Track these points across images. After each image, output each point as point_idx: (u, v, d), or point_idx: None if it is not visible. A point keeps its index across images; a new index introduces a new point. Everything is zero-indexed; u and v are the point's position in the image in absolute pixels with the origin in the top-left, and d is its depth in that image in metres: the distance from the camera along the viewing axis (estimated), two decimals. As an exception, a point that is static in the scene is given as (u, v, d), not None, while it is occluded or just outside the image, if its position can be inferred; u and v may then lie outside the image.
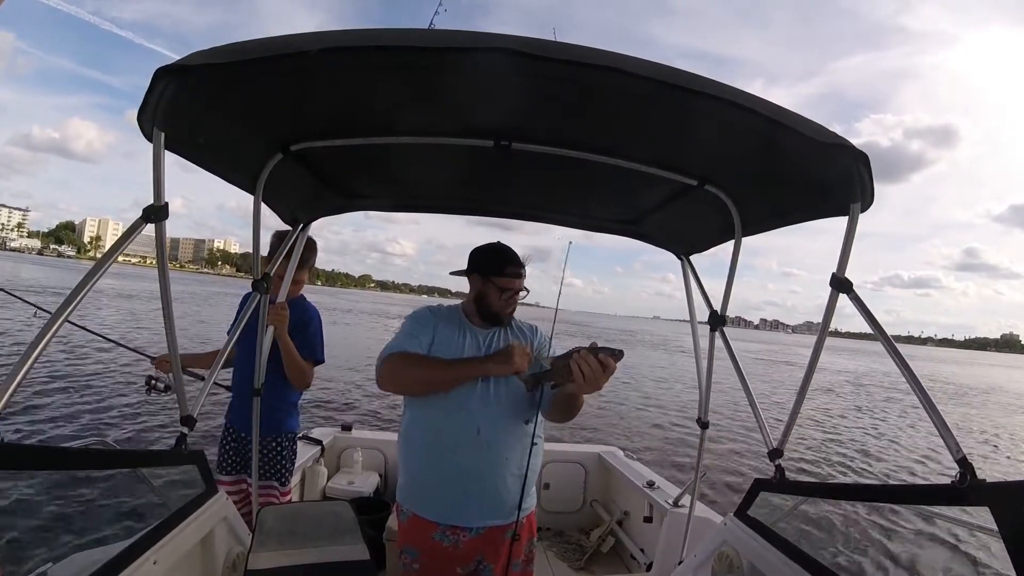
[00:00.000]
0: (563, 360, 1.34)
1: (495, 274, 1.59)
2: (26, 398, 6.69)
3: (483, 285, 1.60)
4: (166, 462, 1.50)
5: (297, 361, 2.15)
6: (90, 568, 1.12)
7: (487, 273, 1.60)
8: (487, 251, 1.65)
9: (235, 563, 1.61)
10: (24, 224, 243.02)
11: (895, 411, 14.22)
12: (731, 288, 1.98)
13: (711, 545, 1.81)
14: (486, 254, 1.64)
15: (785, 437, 1.67)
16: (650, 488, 2.88)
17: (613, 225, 2.35)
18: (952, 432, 1.16)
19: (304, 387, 2.26)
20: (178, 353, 1.48)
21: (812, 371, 1.57)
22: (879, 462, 8.61)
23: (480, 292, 1.61)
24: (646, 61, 0.99)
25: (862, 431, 11.30)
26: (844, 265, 1.42)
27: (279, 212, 2.10)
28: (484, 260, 1.63)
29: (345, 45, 0.96)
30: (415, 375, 1.50)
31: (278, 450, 2.24)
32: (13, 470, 2.32)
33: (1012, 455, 10.68)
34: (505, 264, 1.60)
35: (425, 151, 1.65)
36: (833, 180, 1.32)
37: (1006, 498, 1.01)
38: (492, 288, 1.59)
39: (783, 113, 1.10)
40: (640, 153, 1.57)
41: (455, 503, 1.49)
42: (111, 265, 1.25)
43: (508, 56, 0.95)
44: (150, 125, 1.13)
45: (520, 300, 1.64)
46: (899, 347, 1.33)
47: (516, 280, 1.60)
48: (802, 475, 6.94)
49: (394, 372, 1.49)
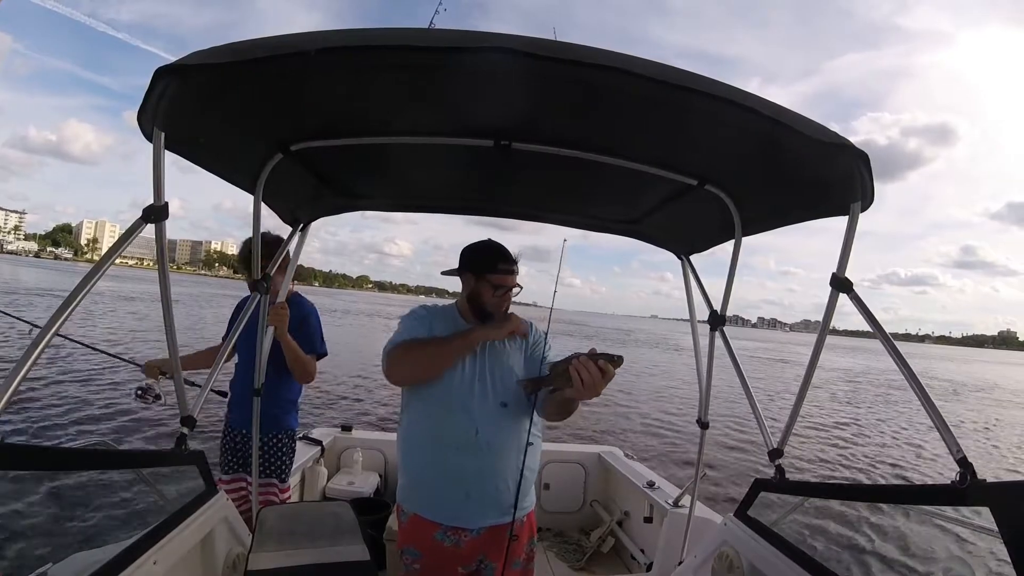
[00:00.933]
0: (562, 365, 1.35)
1: (488, 271, 1.59)
2: (26, 398, 6.69)
3: (476, 283, 1.60)
4: (166, 462, 1.50)
5: (300, 357, 2.16)
6: (90, 568, 1.12)
7: (480, 270, 1.60)
8: (479, 248, 1.64)
9: (235, 563, 1.60)
10: (21, 227, 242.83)
11: (894, 411, 14.22)
12: (731, 288, 1.98)
13: (711, 545, 1.81)
14: (478, 251, 1.64)
15: (785, 437, 1.67)
16: (650, 488, 2.88)
17: (613, 225, 2.35)
18: (952, 432, 1.16)
19: (309, 381, 2.28)
20: (178, 354, 1.48)
21: (812, 370, 1.57)
22: (880, 462, 8.61)
23: (473, 290, 1.61)
24: (647, 61, 0.99)
25: (863, 431, 11.30)
26: (844, 265, 1.42)
27: (279, 212, 2.10)
28: (476, 257, 1.63)
29: (345, 45, 0.96)
30: (417, 356, 1.50)
31: (277, 447, 2.25)
32: (13, 470, 2.32)
33: (1010, 450, 10.68)
34: (497, 260, 1.60)
35: (425, 151, 1.65)
36: (833, 179, 1.32)
37: (1006, 498, 1.01)
38: (485, 285, 1.59)
39: (783, 113, 1.10)
40: (640, 153, 1.57)
41: (456, 504, 1.49)
42: (110, 267, 1.25)
43: (509, 56, 0.95)
44: (150, 125, 1.13)
45: (513, 297, 1.64)
46: (897, 344, 1.33)
47: (509, 276, 1.60)
48: (802, 475, 6.94)
49: (399, 360, 1.50)
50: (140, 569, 1.19)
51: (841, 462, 8.33)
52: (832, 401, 15.47)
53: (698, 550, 1.92)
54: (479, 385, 1.52)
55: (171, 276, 1.35)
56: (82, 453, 1.55)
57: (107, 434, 5.98)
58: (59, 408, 6.81)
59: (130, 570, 1.16)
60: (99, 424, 6.42)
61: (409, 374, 1.55)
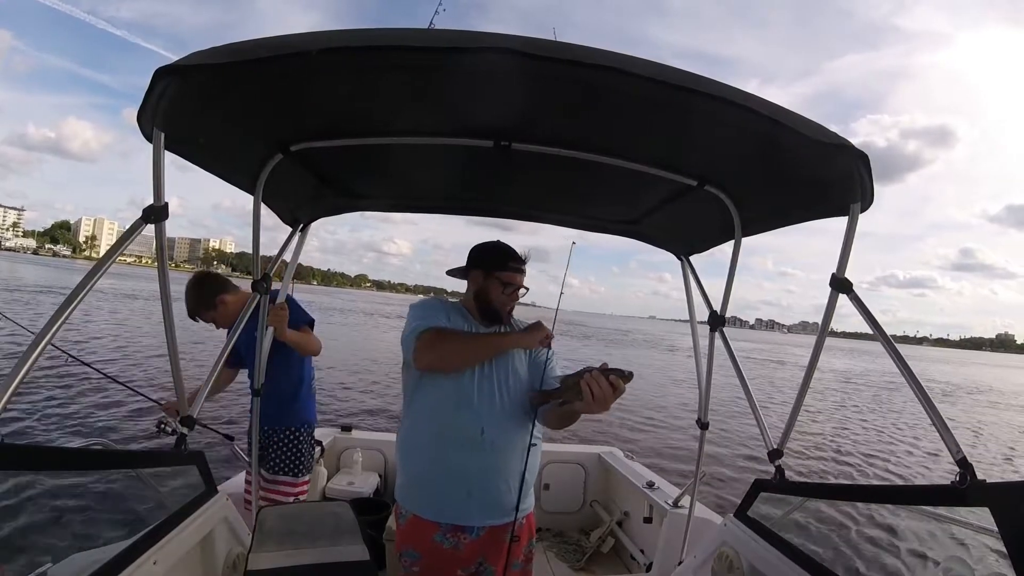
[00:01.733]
0: (574, 379, 1.35)
1: (498, 268, 1.59)
2: (26, 398, 6.69)
3: (485, 280, 1.60)
4: (166, 462, 1.50)
5: (299, 339, 2.17)
6: (90, 568, 1.12)
7: (490, 267, 1.60)
8: (489, 247, 1.65)
9: (235, 563, 1.61)
10: (19, 224, 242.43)
11: (892, 411, 14.22)
12: (731, 288, 1.98)
13: (711, 546, 1.81)
14: (488, 250, 1.65)
15: (785, 437, 1.67)
16: (650, 488, 2.88)
17: (613, 225, 2.35)
18: (952, 432, 1.16)
19: (317, 351, 2.30)
20: (178, 354, 1.48)
21: (812, 371, 1.57)
22: (878, 462, 8.61)
23: (481, 288, 1.61)
24: (647, 61, 0.99)
25: (861, 429, 11.30)
26: (844, 265, 1.42)
27: (279, 212, 2.10)
28: (486, 255, 1.64)
29: (345, 45, 0.96)
30: (453, 345, 1.51)
31: (295, 441, 2.28)
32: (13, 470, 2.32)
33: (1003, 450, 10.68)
34: (508, 259, 1.61)
35: (425, 151, 1.65)
36: (833, 180, 1.32)
37: (1006, 498, 1.01)
38: (494, 283, 1.59)
39: (783, 113, 1.10)
40: (640, 153, 1.57)
41: (457, 502, 1.49)
42: (111, 265, 1.25)
43: (509, 56, 0.95)
44: (150, 125, 1.13)
45: (520, 298, 1.65)
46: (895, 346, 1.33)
47: (518, 275, 1.61)
48: (802, 475, 6.94)
49: (433, 344, 1.48)
50: (140, 569, 1.19)
51: (840, 461, 8.33)
52: (828, 401, 15.47)
53: (698, 550, 1.93)
54: (487, 384, 1.53)
55: (170, 274, 1.35)
56: (82, 453, 1.56)
57: (107, 433, 5.99)
58: (59, 408, 6.80)
59: (130, 570, 1.16)
60: (99, 425, 6.42)
61: (438, 360, 1.52)
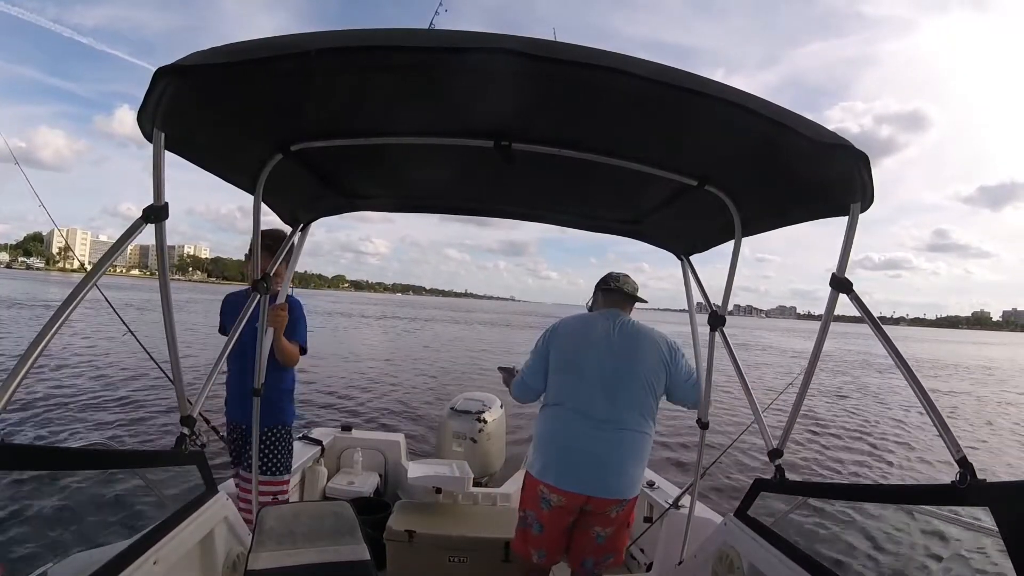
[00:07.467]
0: None
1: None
2: (26, 398, 6.70)
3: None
4: (166, 462, 1.50)
5: (287, 348, 2.17)
6: (90, 568, 1.12)
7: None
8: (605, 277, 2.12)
9: (235, 563, 1.61)
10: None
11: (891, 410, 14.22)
12: (731, 288, 1.97)
13: (711, 545, 1.82)
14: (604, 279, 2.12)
15: (785, 437, 1.66)
16: (650, 488, 2.88)
17: (613, 225, 2.35)
18: (952, 432, 1.16)
19: (294, 363, 2.28)
20: (178, 353, 1.48)
21: (812, 371, 1.57)
22: (879, 462, 8.61)
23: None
24: (647, 61, 0.99)
25: (862, 432, 11.30)
26: (844, 265, 1.42)
27: (279, 212, 2.10)
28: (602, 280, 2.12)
29: (345, 45, 0.96)
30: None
31: (274, 440, 2.28)
32: (13, 470, 2.33)
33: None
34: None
35: (425, 151, 1.65)
36: (833, 180, 1.32)
37: (1006, 498, 1.01)
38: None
39: (783, 113, 1.10)
40: (640, 153, 1.57)
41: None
42: (111, 264, 1.25)
43: (509, 56, 0.95)
44: (150, 125, 1.13)
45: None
46: None
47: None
48: (802, 474, 6.93)
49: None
50: (140, 569, 1.19)
51: (839, 459, 8.33)
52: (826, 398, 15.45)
53: (698, 550, 1.93)
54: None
55: (144, 281, 1.34)
56: (82, 453, 1.56)
57: (107, 433, 5.99)
58: (58, 408, 6.81)
59: (130, 570, 1.16)
60: (99, 425, 6.42)
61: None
